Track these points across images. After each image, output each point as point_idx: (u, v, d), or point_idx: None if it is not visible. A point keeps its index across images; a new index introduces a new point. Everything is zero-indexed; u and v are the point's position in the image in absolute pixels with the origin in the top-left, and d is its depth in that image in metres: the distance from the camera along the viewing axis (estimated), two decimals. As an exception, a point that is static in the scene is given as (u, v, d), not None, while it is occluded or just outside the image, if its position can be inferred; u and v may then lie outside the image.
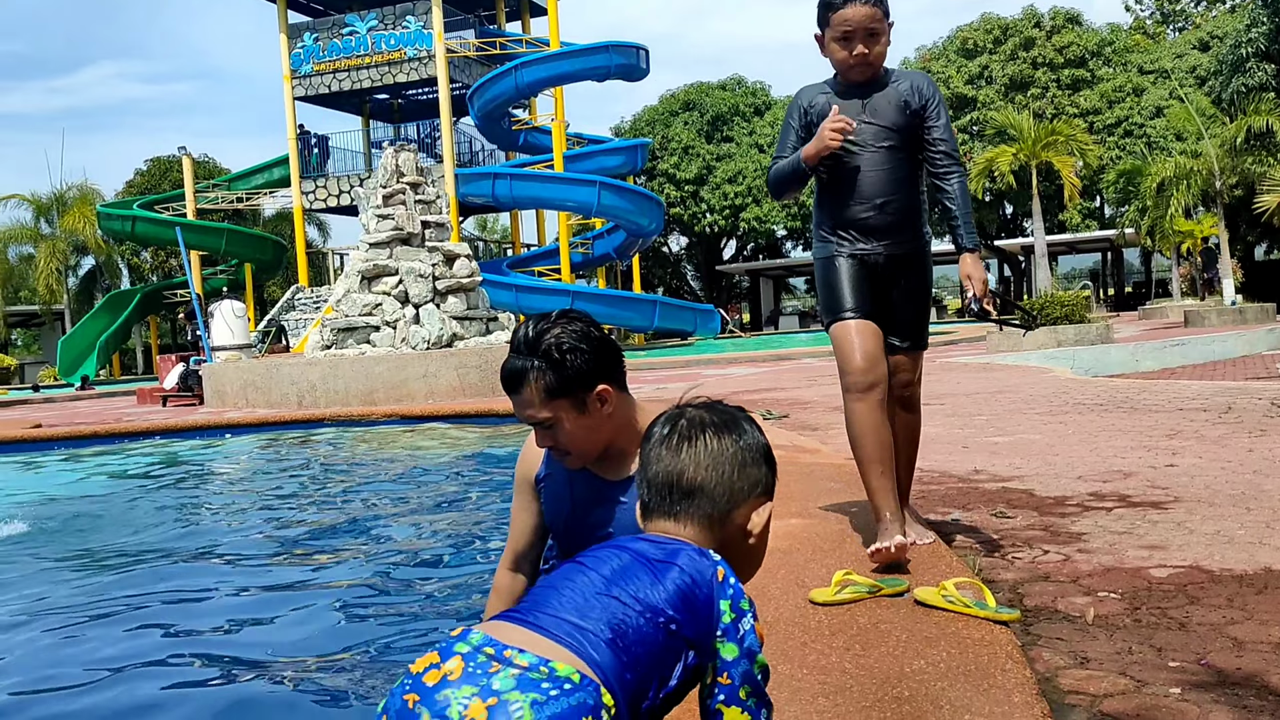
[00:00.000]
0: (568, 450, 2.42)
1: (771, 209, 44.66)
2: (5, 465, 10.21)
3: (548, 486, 2.59)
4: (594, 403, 2.35)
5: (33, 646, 3.76)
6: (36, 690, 3.27)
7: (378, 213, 15.94)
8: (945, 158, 3.42)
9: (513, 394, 2.37)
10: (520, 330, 2.37)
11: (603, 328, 2.41)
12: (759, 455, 1.61)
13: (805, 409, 9.44)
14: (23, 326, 48.42)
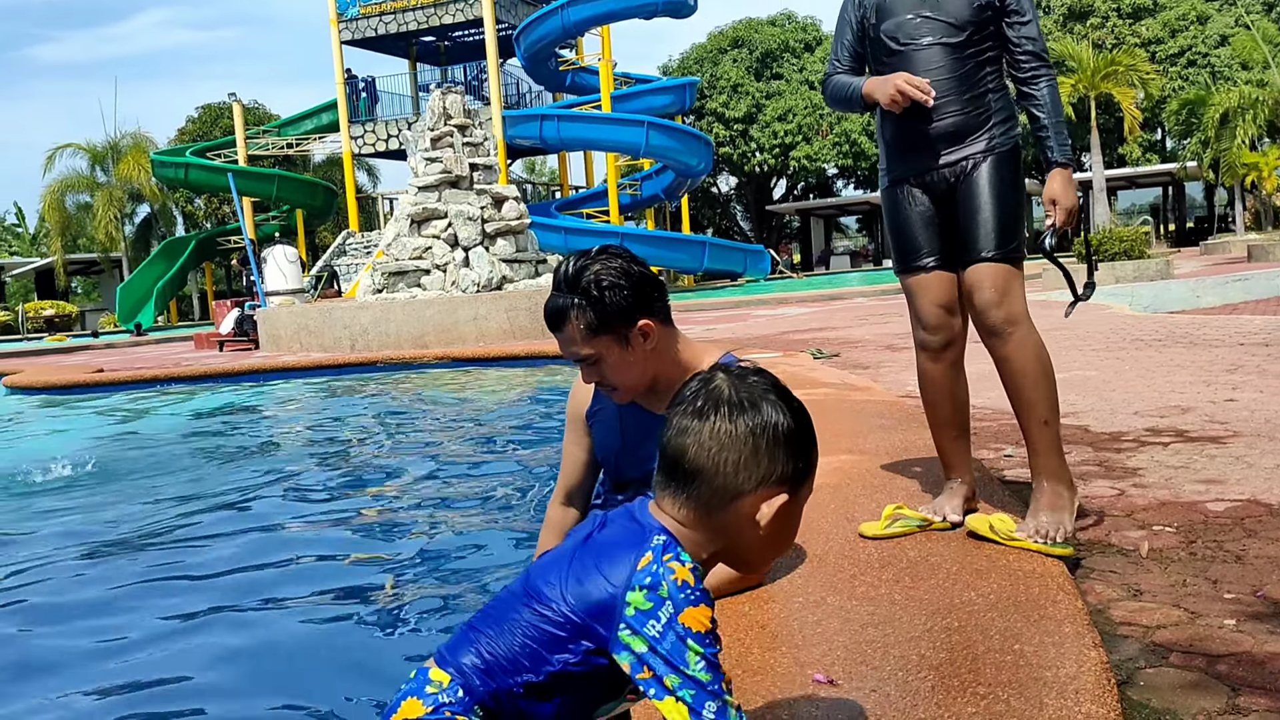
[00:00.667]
0: (613, 386, 2.43)
1: (822, 147, 44.02)
2: (69, 408, 10.47)
3: (598, 421, 2.61)
4: (636, 338, 2.35)
5: (99, 581, 3.88)
6: (107, 620, 3.38)
7: (425, 156, 15.94)
8: (1032, 59, 2.93)
9: (556, 332, 2.38)
10: (561, 268, 2.37)
11: (644, 263, 2.40)
12: (777, 442, 1.41)
13: (856, 348, 9.37)
14: (83, 274, 49.33)
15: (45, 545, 4.51)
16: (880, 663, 1.93)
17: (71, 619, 3.42)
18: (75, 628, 3.33)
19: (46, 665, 3.03)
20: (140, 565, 4.05)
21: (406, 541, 4.27)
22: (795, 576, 2.48)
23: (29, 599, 3.70)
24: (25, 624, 3.40)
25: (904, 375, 7.01)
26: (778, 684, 1.87)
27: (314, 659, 2.93)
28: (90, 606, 3.54)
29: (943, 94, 2.87)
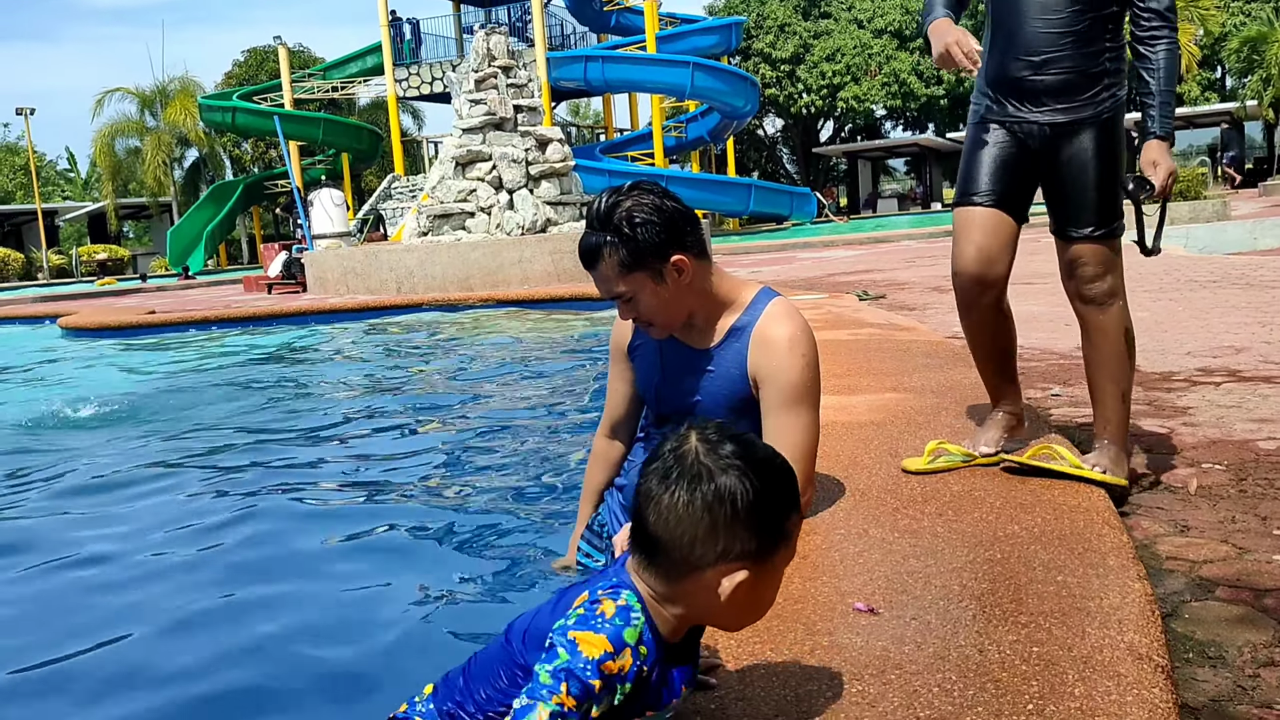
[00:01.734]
0: (649, 322, 2.43)
1: (871, 87, 43.25)
2: (124, 348, 10.66)
3: (640, 355, 2.61)
4: (670, 274, 2.33)
5: (148, 514, 3.97)
6: (150, 549, 3.46)
7: (470, 98, 15.89)
8: (1155, 18, 2.70)
9: (590, 269, 2.37)
10: (594, 204, 2.35)
11: (676, 197, 2.37)
12: (735, 519, 1.33)
13: (903, 289, 9.28)
14: (134, 218, 49.90)
15: (96, 475, 4.62)
16: (921, 592, 1.93)
17: (109, 548, 3.51)
18: (108, 559, 3.42)
19: (83, 594, 3.12)
20: (181, 503, 4.14)
21: (453, 481, 4.33)
22: (837, 510, 2.49)
23: (83, 526, 3.80)
24: (62, 553, 3.50)
25: (950, 317, 6.93)
26: (818, 611, 1.88)
27: (348, 611, 2.98)
28: (127, 538, 3.63)
29: (1056, 47, 2.71)
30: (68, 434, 5.86)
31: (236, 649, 2.56)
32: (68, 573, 3.29)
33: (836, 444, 3.11)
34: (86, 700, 2.41)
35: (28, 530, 3.89)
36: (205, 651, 2.57)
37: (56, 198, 57.34)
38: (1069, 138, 2.75)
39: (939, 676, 1.59)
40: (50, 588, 3.17)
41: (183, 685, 2.43)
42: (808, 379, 2.39)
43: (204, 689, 2.36)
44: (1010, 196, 2.84)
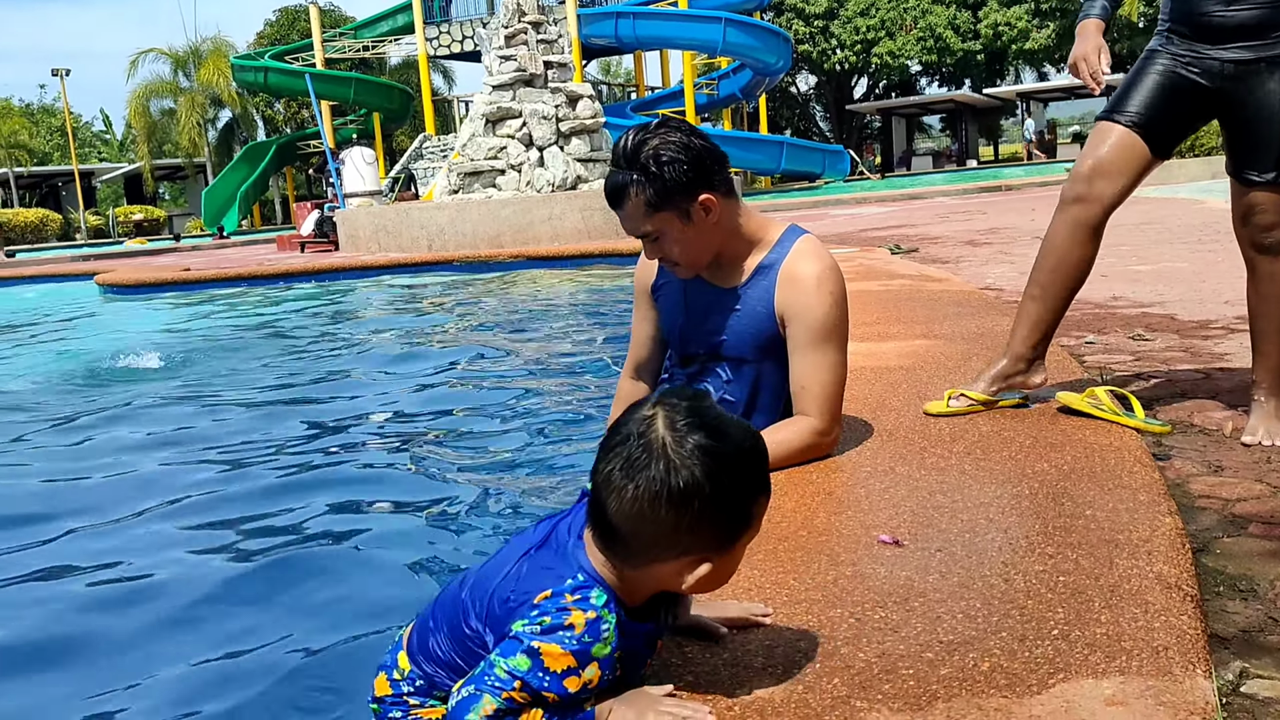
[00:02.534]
0: (676, 261, 2.40)
1: (905, 42, 42.60)
2: (161, 304, 10.77)
3: (663, 295, 2.59)
4: (698, 212, 2.31)
5: (188, 470, 4.02)
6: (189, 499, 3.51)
7: (500, 54, 15.80)
8: None
9: (616, 208, 2.34)
10: (620, 142, 2.32)
11: (704, 135, 2.34)
12: (702, 516, 1.27)
13: (935, 243, 9.18)
14: (169, 179, 50.22)
15: (130, 429, 4.68)
16: (947, 526, 1.91)
17: (141, 499, 3.56)
18: (142, 507, 3.47)
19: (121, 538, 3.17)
20: (210, 453, 4.19)
21: (481, 429, 4.35)
22: (864, 449, 2.47)
23: (116, 475, 3.86)
24: (96, 501, 3.55)
25: (984, 269, 6.87)
26: (842, 544, 1.87)
27: (378, 564, 3.01)
28: (157, 487, 3.68)
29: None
30: (103, 386, 5.94)
31: (280, 605, 2.59)
32: (113, 522, 3.34)
33: (864, 388, 3.08)
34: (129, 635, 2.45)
35: (58, 480, 3.95)
36: (245, 609, 2.60)
37: (93, 159, 57.81)
38: (1254, 77, 2.58)
39: (963, 604, 1.58)
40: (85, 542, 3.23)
41: (218, 645, 2.46)
42: (835, 317, 2.36)
43: (248, 645, 2.40)
44: (1157, 127, 2.70)
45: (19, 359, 7.51)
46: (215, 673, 2.19)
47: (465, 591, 1.43)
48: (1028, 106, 45.40)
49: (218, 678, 2.16)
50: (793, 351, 2.37)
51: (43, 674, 2.28)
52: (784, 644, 1.50)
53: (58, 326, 9.69)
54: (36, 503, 3.56)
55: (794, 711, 1.31)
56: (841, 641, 1.49)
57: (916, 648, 1.45)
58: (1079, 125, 52.35)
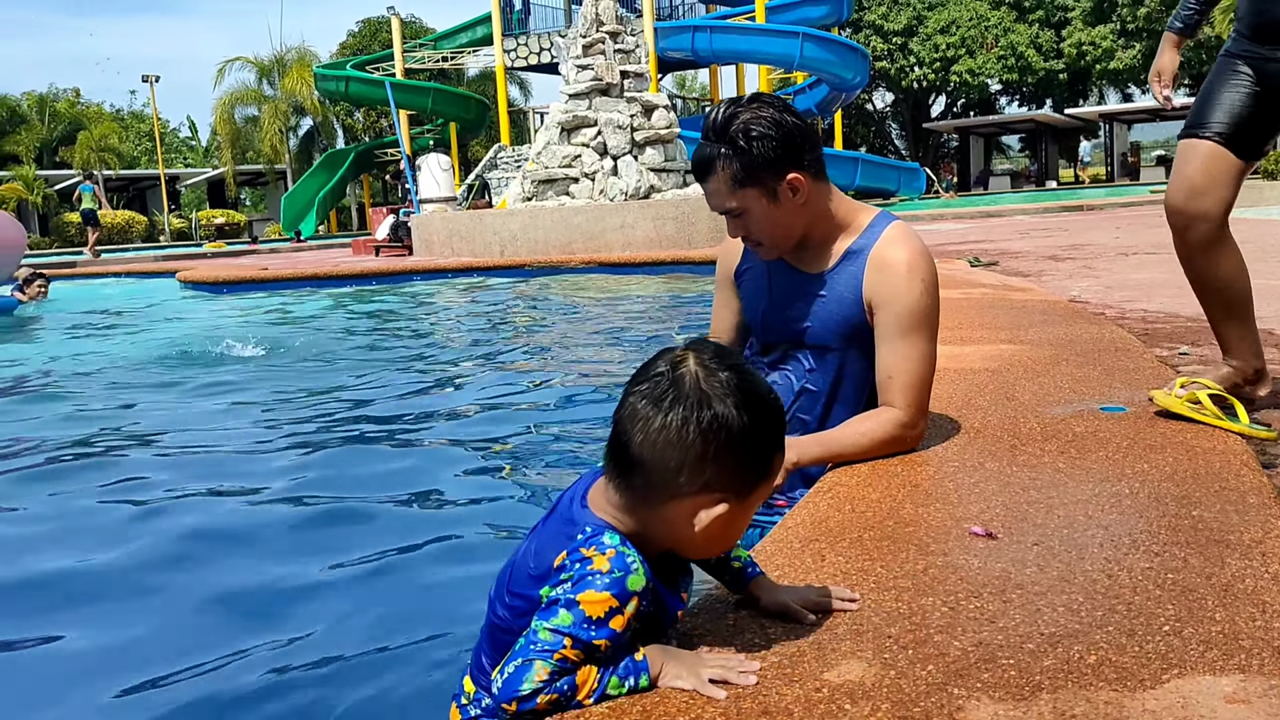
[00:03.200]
0: (759, 241, 2.34)
1: (986, 61, 42.07)
2: (239, 301, 10.96)
3: (747, 280, 2.52)
4: (785, 192, 2.24)
5: (268, 459, 4.04)
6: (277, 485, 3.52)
7: (577, 63, 15.88)
8: None
9: (702, 181, 2.28)
10: (711, 114, 2.25)
11: (798, 113, 2.27)
12: (729, 449, 1.28)
13: (1016, 258, 8.99)
14: (250, 185, 51.33)
15: (208, 418, 4.73)
16: (1043, 520, 1.82)
17: (220, 480, 3.58)
18: (216, 489, 3.48)
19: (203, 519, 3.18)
20: (290, 442, 4.21)
21: (546, 427, 4.32)
22: (951, 444, 2.37)
23: (198, 458, 3.89)
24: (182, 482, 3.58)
25: (1068, 282, 6.69)
26: (931, 535, 1.79)
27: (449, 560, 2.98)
28: (233, 473, 3.70)
29: None
30: (180, 374, 6.03)
31: (355, 581, 2.57)
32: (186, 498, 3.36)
33: (949, 387, 2.98)
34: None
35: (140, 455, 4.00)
36: (321, 587, 2.59)
37: (178, 164, 59.33)
38: None
39: (1064, 597, 1.49)
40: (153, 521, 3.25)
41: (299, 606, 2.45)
42: (926, 305, 2.28)
43: (325, 611, 2.38)
44: (1240, 134, 2.66)
45: (104, 346, 7.68)
46: (282, 672, 2.15)
47: (492, 590, 1.43)
48: (1111, 127, 44.52)
49: (284, 678, 2.12)
50: (880, 340, 2.29)
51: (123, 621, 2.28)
52: (873, 630, 1.42)
53: (139, 319, 9.91)
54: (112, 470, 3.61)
55: (886, 696, 1.24)
56: (935, 629, 1.41)
57: (1016, 639, 1.37)
58: (1163, 150, 51.16)
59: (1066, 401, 2.76)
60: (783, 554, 1.74)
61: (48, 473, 3.73)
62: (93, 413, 4.85)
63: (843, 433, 2.28)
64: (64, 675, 2.14)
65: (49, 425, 4.61)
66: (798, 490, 2.28)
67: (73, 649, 2.26)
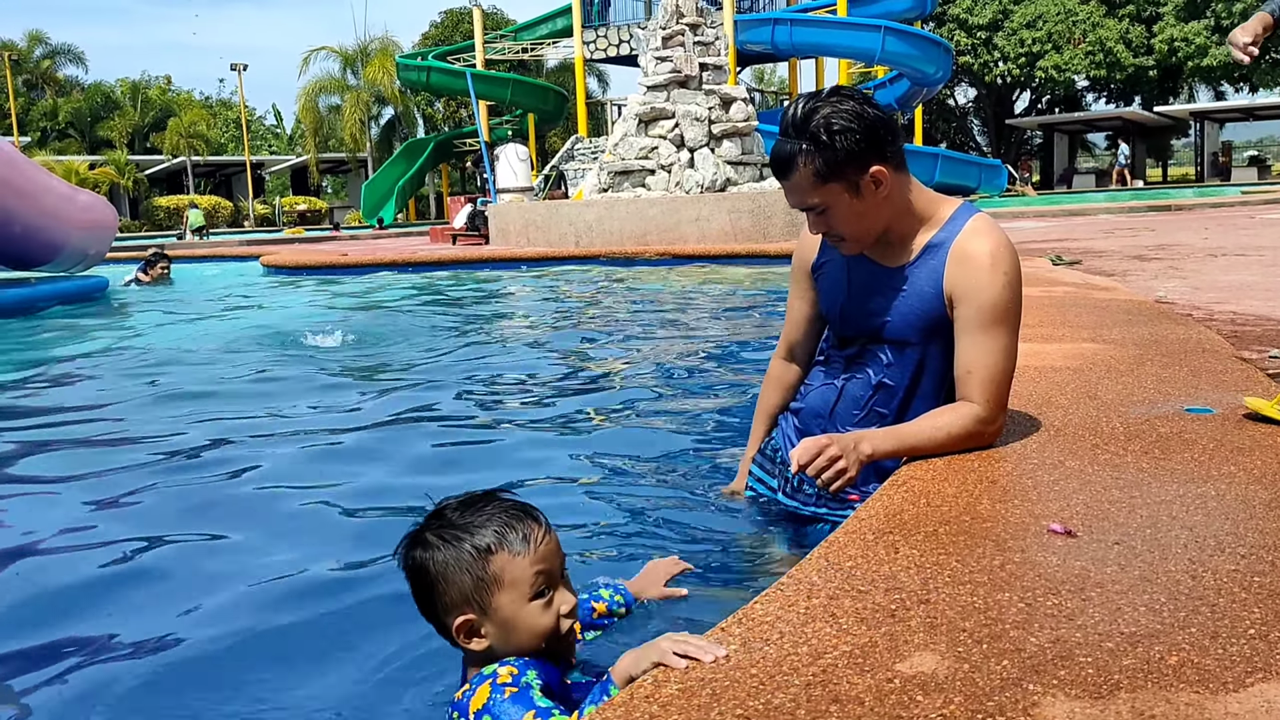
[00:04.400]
0: (842, 236, 2.31)
1: (1073, 57, 41.10)
2: (320, 285, 11.16)
3: (825, 273, 2.50)
4: (868, 185, 2.21)
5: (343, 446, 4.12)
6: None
7: (656, 55, 15.86)
8: None
9: (782, 179, 2.26)
10: (789, 110, 2.23)
11: (877, 104, 2.24)
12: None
13: (1100, 257, 8.79)
14: (332, 173, 52.28)
15: (285, 403, 4.83)
16: (1125, 520, 1.78)
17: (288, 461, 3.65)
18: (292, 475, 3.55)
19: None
20: (374, 423, 4.28)
21: (625, 413, 4.33)
22: (1029, 442, 2.33)
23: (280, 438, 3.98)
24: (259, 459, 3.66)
25: (1154, 282, 6.53)
26: (1008, 531, 1.76)
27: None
28: (302, 455, 3.77)
29: None
30: (261, 355, 6.16)
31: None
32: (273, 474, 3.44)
33: (1029, 385, 2.93)
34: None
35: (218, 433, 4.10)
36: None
37: (263, 151, 60.61)
38: None
39: (1145, 597, 1.46)
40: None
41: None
42: (1008, 298, 2.24)
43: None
44: None
45: (189, 326, 7.89)
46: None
47: None
48: (1202, 126, 43.25)
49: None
50: (960, 333, 2.25)
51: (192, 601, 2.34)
52: (946, 623, 1.41)
53: (226, 299, 10.16)
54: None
55: (959, 689, 1.22)
56: (1010, 625, 1.39)
57: (1095, 637, 1.34)
58: (1255, 150, 49.57)
59: (1151, 402, 2.70)
60: (855, 545, 1.73)
61: (129, 455, 3.84)
62: (178, 394, 4.99)
63: (919, 426, 2.25)
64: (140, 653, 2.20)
65: (136, 408, 4.75)
66: (871, 484, 2.26)
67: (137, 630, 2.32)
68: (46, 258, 10.51)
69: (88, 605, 2.38)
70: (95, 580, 2.52)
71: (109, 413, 4.66)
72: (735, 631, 1.41)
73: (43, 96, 49.55)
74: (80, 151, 45.57)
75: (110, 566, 2.60)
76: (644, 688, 1.27)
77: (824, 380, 2.51)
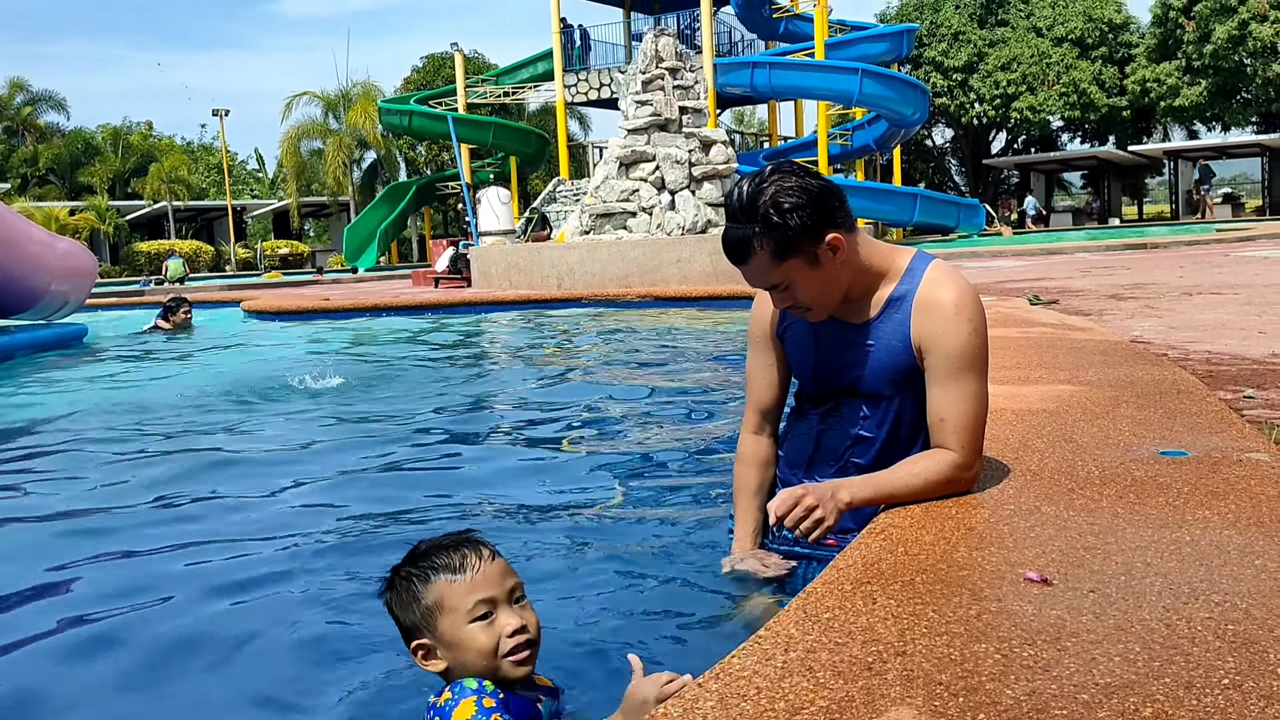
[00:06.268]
0: (808, 307, 2.31)
1: (1047, 98, 41.69)
2: (301, 330, 11.14)
3: (790, 337, 2.49)
4: (825, 254, 2.22)
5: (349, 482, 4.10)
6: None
7: (636, 99, 16.02)
8: None
9: (740, 264, 2.26)
10: (734, 194, 2.23)
11: (817, 173, 2.26)
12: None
13: (1077, 296, 8.87)
14: (314, 216, 52.33)
15: (269, 447, 4.81)
16: (1100, 567, 1.79)
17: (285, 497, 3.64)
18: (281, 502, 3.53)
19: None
20: (353, 462, 4.27)
21: (606, 471, 4.33)
22: (1006, 487, 2.35)
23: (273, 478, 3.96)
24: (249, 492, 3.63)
25: (1130, 322, 6.59)
26: (985, 580, 1.77)
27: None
28: (305, 490, 3.76)
29: None
30: (237, 402, 6.14)
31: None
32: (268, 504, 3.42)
33: (1006, 429, 2.95)
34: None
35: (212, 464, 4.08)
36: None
37: (245, 195, 60.69)
38: None
39: (1120, 646, 1.46)
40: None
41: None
42: (975, 344, 2.26)
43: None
44: None
45: (173, 373, 7.86)
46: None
47: None
48: (1176, 165, 43.83)
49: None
50: (931, 383, 2.27)
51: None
52: (923, 676, 1.41)
53: (206, 347, 10.13)
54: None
55: (935, 744, 1.22)
56: (986, 677, 1.39)
57: (1070, 688, 1.35)
58: (1229, 186, 50.20)
59: (1126, 445, 2.72)
60: (833, 596, 1.73)
61: (114, 503, 3.81)
62: (162, 440, 4.96)
63: (896, 473, 2.26)
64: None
65: (116, 452, 4.72)
66: (850, 534, 2.26)
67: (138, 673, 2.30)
68: (25, 305, 10.47)
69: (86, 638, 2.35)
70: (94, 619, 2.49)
71: (84, 456, 4.63)
72: (712, 687, 1.41)
73: (23, 143, 49.52)
74: (60, 197, 45.49)
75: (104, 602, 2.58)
76: (620, 747, 1.26)
77: (800, 431, 2.51)
